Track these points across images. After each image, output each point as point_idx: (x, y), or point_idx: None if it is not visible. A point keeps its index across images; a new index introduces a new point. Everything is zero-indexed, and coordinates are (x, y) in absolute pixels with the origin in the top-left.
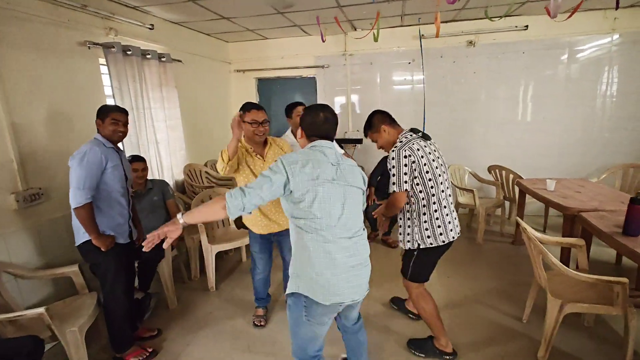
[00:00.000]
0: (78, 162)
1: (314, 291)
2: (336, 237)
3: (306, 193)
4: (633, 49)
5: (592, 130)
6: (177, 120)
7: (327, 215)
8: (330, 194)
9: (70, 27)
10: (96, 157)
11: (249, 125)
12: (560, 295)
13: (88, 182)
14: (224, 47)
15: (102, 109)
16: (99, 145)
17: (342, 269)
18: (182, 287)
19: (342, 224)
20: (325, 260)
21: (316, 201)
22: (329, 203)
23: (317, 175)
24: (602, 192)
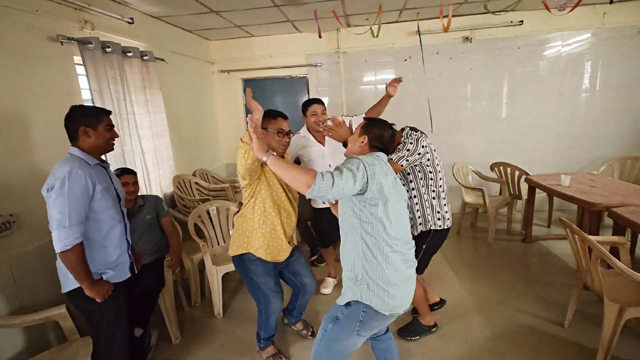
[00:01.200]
0: (57, 193)
1: (380, 300)
2: (401, 248)
3: (379, 197)
4: (621, 44)
5: (585, 124)
6: (163, 127)
7: (396, 224)
8: (396, 203)
9: (40, 19)
10: (80, 182)
11: (275, 134)
12: (617, 299)
13: (74, 216)
14: (206, 46)
15: (90, 112)
16: (80, 165)
17: (403, 279)
18: (183, 315)
19: (404, 235)
20: (392, 270)
21: (387, 207)
22: (396, 213)
23: (386, 183)
24: (618, 186)
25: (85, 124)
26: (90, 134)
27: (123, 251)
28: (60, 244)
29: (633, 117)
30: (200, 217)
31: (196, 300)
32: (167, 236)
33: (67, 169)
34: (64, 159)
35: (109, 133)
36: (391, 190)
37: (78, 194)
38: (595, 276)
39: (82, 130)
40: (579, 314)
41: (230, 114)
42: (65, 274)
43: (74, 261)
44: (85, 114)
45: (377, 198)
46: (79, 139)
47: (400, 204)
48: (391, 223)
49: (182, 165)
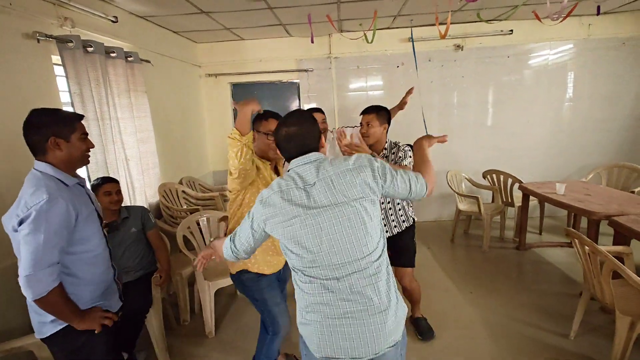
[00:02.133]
0: (31, 227)
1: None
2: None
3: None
4: (606, 54)
5: (572, 132)
6: (148, 132)
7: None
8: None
9: (13, 14)
10: (61, 214)
11: (264, 136)
12: (628, 311)
13: (49, 257)
14: (193, 48)
15: (60, 118)
16: (58, 188)
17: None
18: (171, 334)
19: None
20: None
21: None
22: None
23: (283, 210)
24: (612, 194)
25: (55, 133)
26: (61, 146)
27: (111, 278)
28: (33, 292)
29: (618, 125)
30: (189, 228)
31: (185, 318)
32: (154, 250)
33: (44, 197)
34: (33, 179)
35: (83, 143)
36: (295, 214)
37: (57, 229)
38: (606, 288)
39: (52, 141)
40: (582, 324)
41: (218, 119)
42: (39, 315)
43: (55, 304)
44: (55, 121)
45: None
46: (47, 152)
47: (318, 221)
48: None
49: (167, 173)
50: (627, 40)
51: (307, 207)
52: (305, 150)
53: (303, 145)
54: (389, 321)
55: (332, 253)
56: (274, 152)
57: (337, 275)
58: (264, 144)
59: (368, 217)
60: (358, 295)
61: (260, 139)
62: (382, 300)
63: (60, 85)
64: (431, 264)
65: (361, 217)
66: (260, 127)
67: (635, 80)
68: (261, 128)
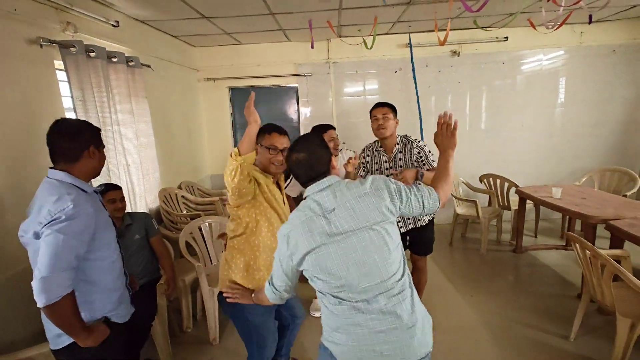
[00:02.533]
0: (53, 232)
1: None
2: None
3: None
4: (597, 61)
5: (565, 136)
6: (149, 137)
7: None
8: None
9: (18, 19)
10: (85, 220)
11: (266, 150)
12: (628, 313)
13: (67, 259)
14: (191, 53)
15: (94, 130)
16: (79, 194)
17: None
18: (174, 342)
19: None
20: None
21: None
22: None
23: (306, 241)
24: (607, 198)
25: (94, 143)
26: (95, 156)
27: (123, 288)
28: (46, 296)
29: (609, 130)
30: (192, 233)
31: (188, 325)
32: (157, 257)
33: (69, 204)
34: (52, 188)
35: (104, 155)
36: (321, 242)
37: (79, 234)
38: (607, 291)
39: (91, 150)
40: (581, 326)
41: (216, 124)
42: (52, 325)
43: (64, 315)
44: (92, 132)
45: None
46: (80, 160)
47: (343, 247)
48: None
49: (166, 178)
50: (617, 48)
51: (329, 235)
52: (315, 175)
53: (313, 170)
54: (417, 334)
55: (359, 277)
56: (275, 168)
57: (367, 298)
58: (265, 158)
59: (389, 238)
60: (388, 314)
61: (262, 153)
62: (410, 317)
63: (62, 90)
64: (431, 267)
65: (384, 239)
66: (262, 141)
67: (624, 86)
68: (263, 142)
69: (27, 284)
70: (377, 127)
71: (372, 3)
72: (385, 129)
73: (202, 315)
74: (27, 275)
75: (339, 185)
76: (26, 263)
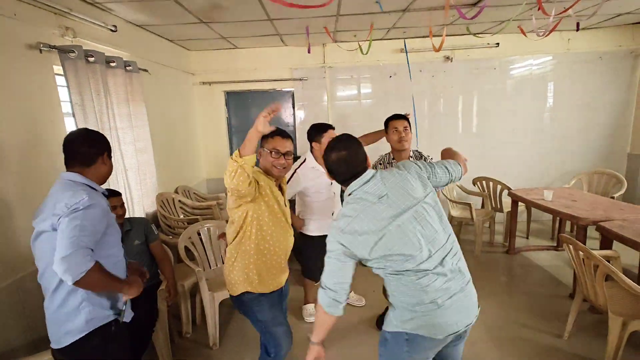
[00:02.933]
0: (71, 219)
1: (417, 324)
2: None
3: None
4: (584, 67)
5: (554, 140)
6: (146, 142)
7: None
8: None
9: (18, 25)
10: (99, 212)
11: (269, 154)
12: (620, 312)
13: (85, 239)
14: (186, 56)
15: (108, 141)
16: (96, 194)
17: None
18: (174, 347)
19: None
20: (416, 290)
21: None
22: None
23: (372, 227)
24: (596, 200)
25: (108, 151)
26: (107, 163)
27: None
28: (72, 273)
29: (596, 134)
30: (190, 238)
31: (187, 330)
32: (157, 262)
33: (85, 197)
34: (66, 185)
35: (112, 164)
36: (386, 222)
37: (95, 223)
38: (599, 291)
39: (105, 157)
40: (574, 324)
41: (211, 127)
42: (61, 325)
43: (98, 280)
44: (107, 143)
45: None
46: (93, 164)
47: (407, 220)
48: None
49: (163, 183)
50: (603, 55)
51: (392, 217)
52: (356, 172)
53: (355, 166)
54: (474, 289)
55: (428, 247)
56: (277, 171)
57: (439, 263)
58: (267, 161)
59: (437, 206)
60: (457, 272)
61: (265, 156)
62: (468, 272)
63: (61, 95)
64: None
65: (434, 209)
66: (265, 144)
67: (610, 92)
68: (266, 145)
69: (26, 291)
70: (399, 139)
71: (369, 10)
72: (407, 141)
73: (201, 320)
74: (26, 283)
75: (381, 174)
76: (24, 272)
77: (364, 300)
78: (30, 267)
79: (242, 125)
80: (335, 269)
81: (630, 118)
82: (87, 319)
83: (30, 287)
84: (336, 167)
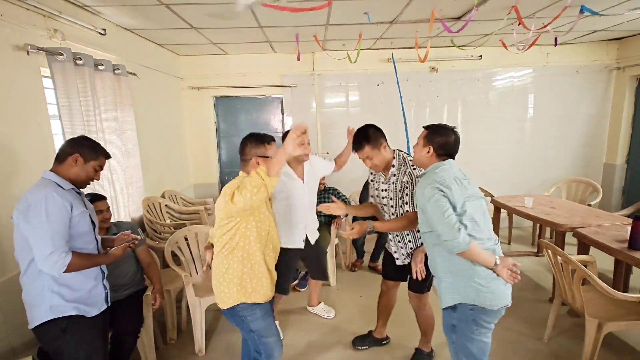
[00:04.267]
0: (33, 221)
1: (480, 296)
2: (487, 244)
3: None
4: (562, 80)
5: (534, 149)
6: (133, 145)
7: (481, 224)
8: (474, 205)
9: (5, 26)
10: (58, 207)
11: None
12: (595, 315)
13: (58, 238)
14: (175, 61)
15: (93, 147)
16: (55, 188)
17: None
18: (158, 353)
19: (487, 232)
20: (480, 267)
21: (467, 213)
22: (478, 213)
23: (463, 192)
24: (574, 207)
25: (81, 153)
26: (77, 164)
27: (98, 282)
28: (57, 267)
29: (574, 143)
30: (177, 243)
31: (172, 336)
32: (143, 267)
33: (44, 192)
34: (37, 184)
35: (93, 173)
36: (471, 195)
37: (57, 217)
38: (577, 295)
39: (74, 157)
40: (554, 327)
41: (199, 132)
42: (31, 306)
43: (81, 266)
44: (88, 146)
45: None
46: (64, 163)
47: (479, 203)
48: (477, 224)
49: (150, 187)
50: (580, 69)
51: (469, 195)
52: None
53: (456, 150)
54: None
55: (489, 227)
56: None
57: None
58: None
59: None
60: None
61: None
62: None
63: (48, 97)
64: None
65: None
66: (265, 152)
67: (587, 104)
68: (267, 152)
69: (12, 292)
70: (369, 167)
71: (358, 20)
72: (376, 166)
73: (187, 326)
74: (16, 284)
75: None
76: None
77: (333, 312)
78: (11, 272)
79: (230, 131)
80: (453, 216)
81: (605, 129)
82: (50, 305)
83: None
84: (454, 145)
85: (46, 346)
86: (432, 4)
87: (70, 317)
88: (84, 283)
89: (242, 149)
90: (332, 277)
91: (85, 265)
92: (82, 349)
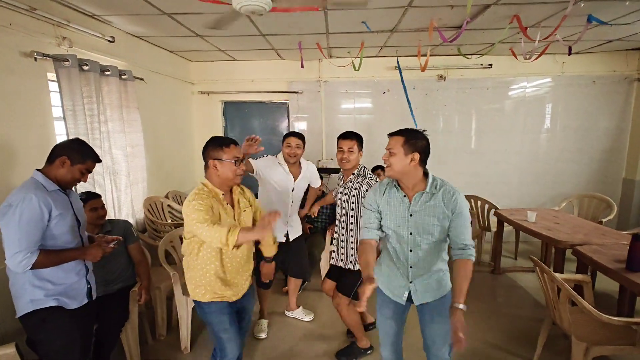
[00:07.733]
0: (8, 218)
1: None
2: None
3: None
4: (578, 91)
5: (547, 161)
6: (139, 147)
7: None
8: None
9: (13, 33)
10: (33, 210)
11: (232, 164)
12: (583, 338)
13: (25, 240)
14: (186, 66)
15: (82, 151)
16: (37, 190)
17: None
18: (146, 349)
19: None
20: None
21: None
22: None
23: None
24: (579, 224)
25: (68, 155)
26: (64, 166)
27: (81, 277)
28: (22, 265)
29: (589, 157)
30: (172, 242)
31: (161, 332)
32: (134, 264)
33: (21, 195)
34: (23, 183)
35: (80, 176)
36: None
37: (31, 223)
38: (564, 315)
39: (61, 159)
40: (547, 348)
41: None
42: (17, 295)
43: (49, 263)
44: (77, 149)
45: None
46: (52, 164)
47: None
48: None
49: (154, 187)
50: (597, 79)
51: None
52: None
53: None
54: None
55: None
56: (239, 178)
57: None
58: (230, 171)
59: None
60: None
61: (226, 166)
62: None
63: (53, 100)
64: None
65: None
66: (223, 155)
67: (605, 117)
68: (224, 156)
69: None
70: (340, 159)
71: (358, 29)
72: (348, 161)
73: (177, 324)
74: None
75: None
76: None
77: (312, 314)
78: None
79: (238, 135)
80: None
81: (625, 143)
82: (31, 298)
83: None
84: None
85: (30, 335)
86: (430, 13)
87: (50, 308)
88: (65, 278)
89: (203, 153)
90: None
91: (53, 262)
92: (60, 338)
